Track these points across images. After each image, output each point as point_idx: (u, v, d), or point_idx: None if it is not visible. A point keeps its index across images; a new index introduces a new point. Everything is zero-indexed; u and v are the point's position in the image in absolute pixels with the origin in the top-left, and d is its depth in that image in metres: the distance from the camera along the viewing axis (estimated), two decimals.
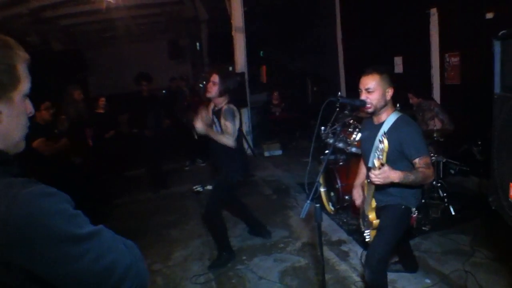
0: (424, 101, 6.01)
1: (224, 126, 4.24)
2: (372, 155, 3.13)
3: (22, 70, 1.13)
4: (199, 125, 4.23)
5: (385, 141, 2.48)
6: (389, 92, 3.04)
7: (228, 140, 4.19)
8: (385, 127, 3.04)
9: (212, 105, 4.49)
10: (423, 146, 2.94)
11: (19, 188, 0.99)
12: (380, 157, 2.54)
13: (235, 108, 4.28)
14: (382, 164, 2.60)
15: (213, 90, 4.25)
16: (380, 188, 2.98)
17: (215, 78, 4.25)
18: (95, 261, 1.02)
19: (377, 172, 2.63)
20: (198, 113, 4.38)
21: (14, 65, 1.10)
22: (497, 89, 2.18)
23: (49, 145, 5.28)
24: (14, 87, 1.11)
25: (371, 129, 3.19)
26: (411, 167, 2.93)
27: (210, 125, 4.37)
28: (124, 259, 1.09)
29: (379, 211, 3.18)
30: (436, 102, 5.97)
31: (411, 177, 2.75)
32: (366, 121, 3.44)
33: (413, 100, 6.05)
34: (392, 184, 2.78)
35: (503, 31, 2.03)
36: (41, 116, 5.29)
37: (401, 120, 3.06)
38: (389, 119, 3.07)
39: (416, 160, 2.89)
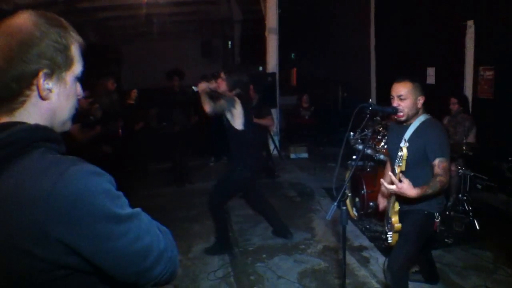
0: (463, 113, 5.83)
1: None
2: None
3: (76, 52, 1.16)
4: (201, 86, 4.59)
5: (404, 150, 2.56)
6: (420, 100, 3.07)
7: (207, 106, 4.48)
8: (411, 129, 3.09)
9: None
10: (445, 149, 2.96)
11: (68, 164, 1.01)
12: (400, 163, 2.63)
13: (237, 99, 4.52)
14: (401, 172, 2.67)
15: (222, 85, 4.59)
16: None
17: (222, 75, 4.63)
18: (134, 242, 1.05)
19: (396, 182, 2.71)
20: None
21: (68, 46, 1.13)
22: None
23: (84, 131, 5.41)
24: (68, 68, 1.14)
25: (398, 131, 3.22)
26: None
27: (210, 96, 4.63)
28: (159, 242, 1.11)
29: (402, 216, 3.18)
30: (471, 118, 5.80)
31: (428, 191, 2.81)
32: (393, 125, 3.45)
33: (454, 106, 5.80)
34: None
35: None
36: (79, 103, 5.40)
37: (428, 121, 3.10)
38: (416, 121, 3.11)
39: (436, 162, 2.91)
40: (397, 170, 2.70)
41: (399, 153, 2.59)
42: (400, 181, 2.72)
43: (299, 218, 5.88)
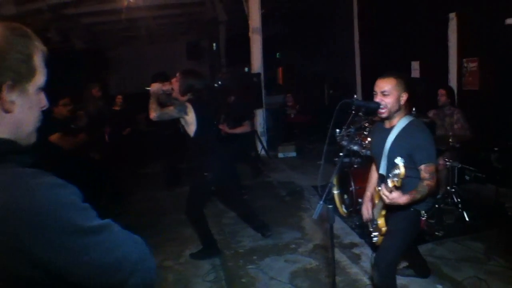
0: (450, 105, 5.84)
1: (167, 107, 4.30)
2: (383, 161, 3.14)
3: (39, 61, 1.12)
4: (153, 87, 4.28)
5: (402, 169, 2.46)
6: (404, 97, 3.03)
7: (153, 112, 4.18)
8: (395, 132, 3.05)
9: None
10: (432, 153, 2.94)
11: (30, 177, 0.99)
12: (395, 179, 2.54)
13: (189, 105, 4.26)
14: (395, 186, 2.61)
15: (175, 86, 4.34)
16: None
17: (178, 75, 4.37)
18: (105, 254, 1.03)
19: (387, 194, 2.68)
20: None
21: (31, 55, 1.10)
22: None
23: (67, 139, 5.37)
24: (30, 78, 1.10)
25: (382, 133, 3.18)
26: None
27: (161, 102, 4.39)
28: (133, 253, 1.09)
29: (388, 213, 3.16)
30: (460, 110, 5.80)
31: (417, 196, 2.80)
32: (377, 124, 3.42)
33: (442, 98, 5.79)
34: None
35: None
36: (59, 111, 5.39)
37: (413, 124, 3.04)
38: (400, 122, 3.06)
39: (422, 167, 2.90)
40: (391, 184, 2.60)
41: (396, 171, 2.49)
42: (391, 191, 2.70)
43: (289, 217, 5.86)
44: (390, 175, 2.59)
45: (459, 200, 5.27)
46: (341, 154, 5.33)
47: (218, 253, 4.80)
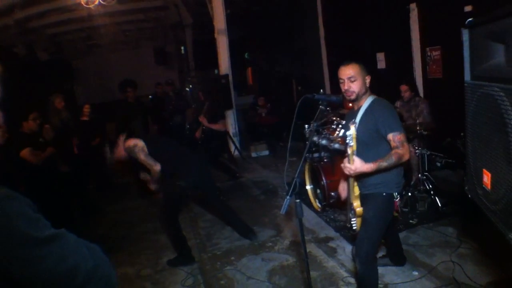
0: (414, 97, 5.89)
1: None
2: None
3: None
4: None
5: (352, 128, 2.56)
6: (368, 80, 3.13)
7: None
8: (361, 111, 3.13)
9: None
10: (396, 124, 3.01)
11: None
12: (351, 143, 2.61)
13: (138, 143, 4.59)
14: (353, 151, 2.68)
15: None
16: (361, 177, 3.07)
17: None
18: (58, 264, 1.02)
19: (349, 166, 2.76)
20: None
21: None
22: (467, 77, 2.20)
23: (36, 154, 5.29)
24: None
25: (352, 116, 3.25)
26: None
27: None
28: (87, 262, 1.09)
29: (362, 200, 3.20)
30: (425, 100, 5.86)
31: (383, 165, 2.85)
32: (349, 112, 3.49)
33: (406, 94, 5.84)
34: (371, 173, 2.86)
35: (470, 19, 2.04)
36: (28, 126, 5.33)
37: (376, 102, 3.13)
38: (365, 103, 3.14)
39: (390, 136, 2.95)
40: (349, 151, 2.68)
41: (348, 133, 2.59)
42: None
43: (264, 216, 5.87)
44: (346, 142, 2.66)
45: (430, 186, 5.33)
46: (314, 149, 5.38)
47: (193, 261, 4.74)
